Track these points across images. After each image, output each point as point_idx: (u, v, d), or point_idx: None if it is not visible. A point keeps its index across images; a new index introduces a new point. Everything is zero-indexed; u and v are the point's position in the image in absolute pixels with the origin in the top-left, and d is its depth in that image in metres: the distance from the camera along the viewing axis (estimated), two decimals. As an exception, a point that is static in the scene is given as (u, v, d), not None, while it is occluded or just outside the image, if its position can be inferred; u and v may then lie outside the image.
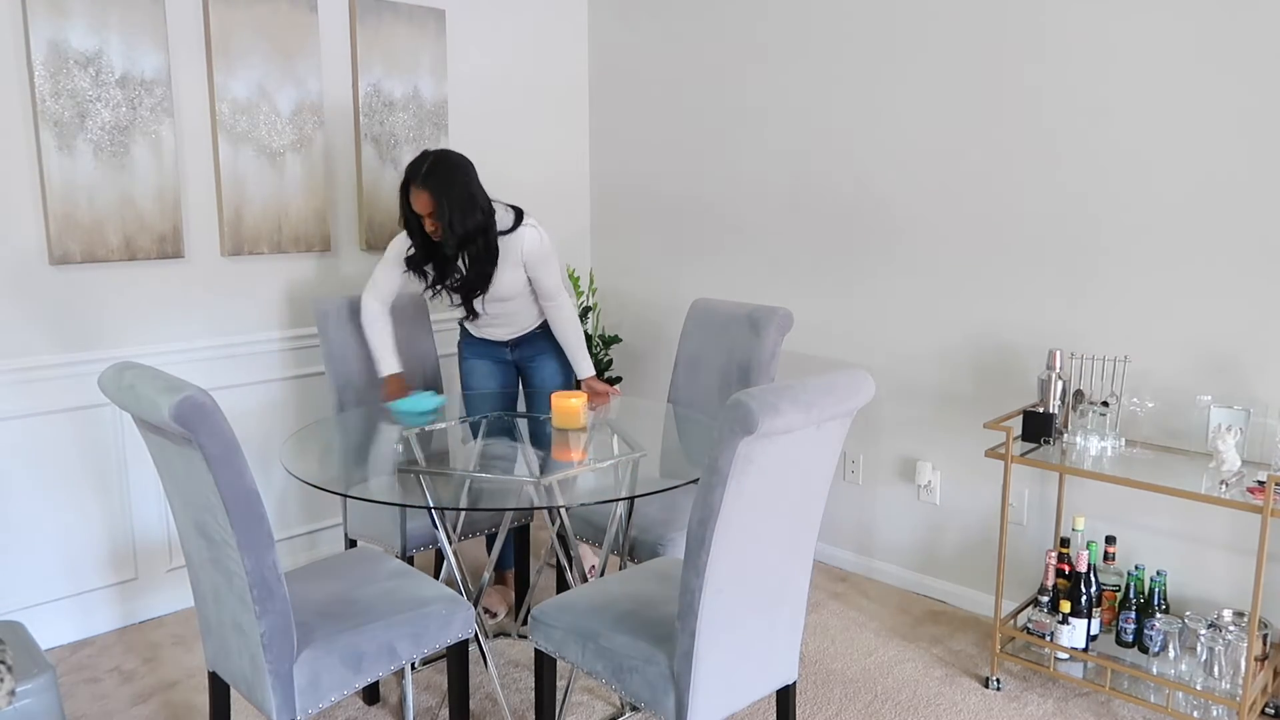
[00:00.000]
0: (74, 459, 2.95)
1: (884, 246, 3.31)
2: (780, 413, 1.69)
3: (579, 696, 2.68)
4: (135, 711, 2.63)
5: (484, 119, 3.89)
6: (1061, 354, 2.70)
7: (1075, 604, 2.59)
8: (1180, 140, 2.65)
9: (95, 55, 2.82)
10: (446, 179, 2.70)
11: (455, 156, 2.77)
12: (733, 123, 3.71)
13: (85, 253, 2.87)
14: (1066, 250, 2.89)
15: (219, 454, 1.73)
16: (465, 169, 2.75)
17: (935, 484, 3.29)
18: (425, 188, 2.69)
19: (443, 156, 2.75)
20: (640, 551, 2.62)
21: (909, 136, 3.20)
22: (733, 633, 1.89)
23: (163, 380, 1.77)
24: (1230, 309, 2.62)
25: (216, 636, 2.03)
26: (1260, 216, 2.54)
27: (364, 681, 2.01)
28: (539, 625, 2.10)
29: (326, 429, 2.80)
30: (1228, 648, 2.44)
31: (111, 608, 3.08)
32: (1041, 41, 2.87)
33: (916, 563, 3.39)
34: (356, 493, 2.31)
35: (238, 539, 1.79)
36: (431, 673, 2.81)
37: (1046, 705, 2.65)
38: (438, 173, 2.70)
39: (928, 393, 3.27)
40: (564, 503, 2.28)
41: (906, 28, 3.17)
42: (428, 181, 2.69)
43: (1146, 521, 2.81)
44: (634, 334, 4.25)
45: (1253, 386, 2.59)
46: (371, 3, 3.42)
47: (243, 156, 3.16)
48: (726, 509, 1.75)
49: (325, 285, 3.46)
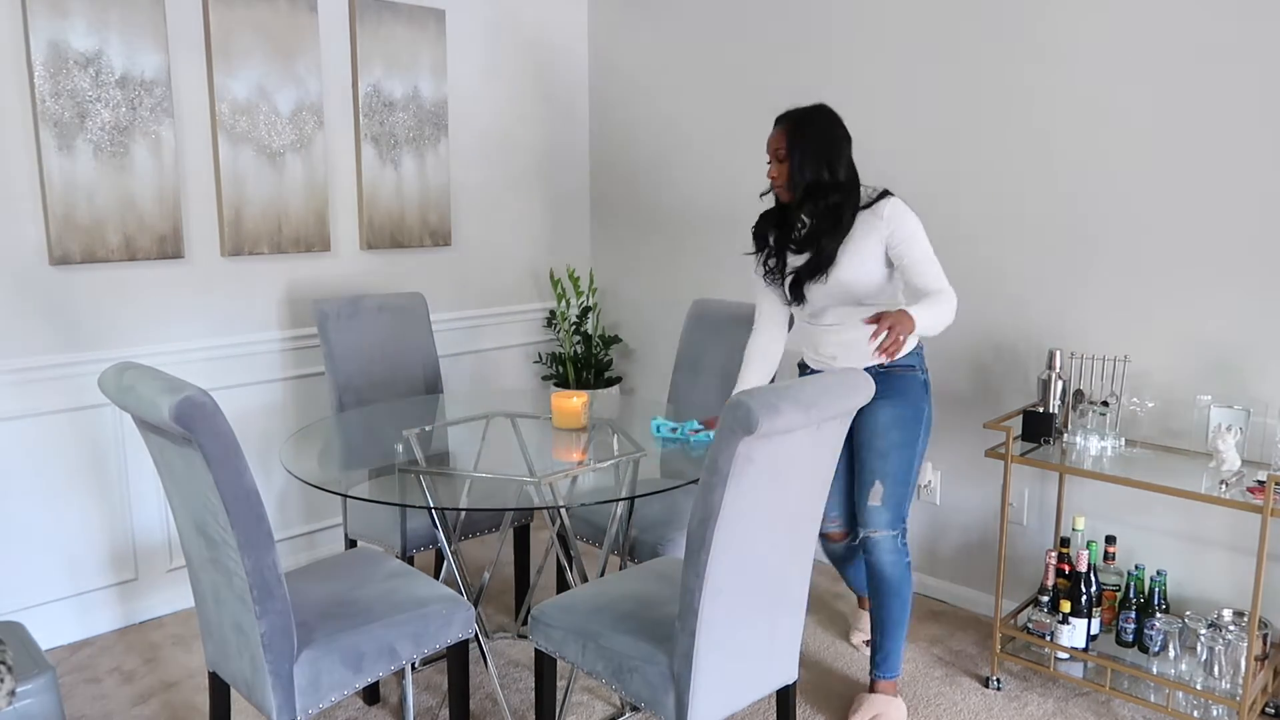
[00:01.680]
0: (74, 459, 2.95)
1: (884, 246, 3.30)
2: (780, 413, 1.69)
3: (579, 696, 2.68)
4: (135, 712, 2.62)
5: (484, 119, 3.89)
6: (1061, 354, 2.70)
7: (1075, 604, 2.59)
8: (1180, 140, 2.65)
9: (95, 55, 2.82)
10: (810, 121, 2.43)
11: (833, 115, 2.47)
12: (732, 122, 3.71)
13: (85, 253, 2.87)
14: (1067, 250, 2.89)
15: (219, 454, 1.73)
16: (836, 127, 2.45)
17: (935, 484, 3.29)
18: (784, 125, 2.44)
19: (820, 108, 2.47)
20: (640, 551, 2.62)
21: (909, 136, 3.20)
22: (733, 633, 1.89)
23: (163, 380, 1.77)
24: (1230, 309, 2.62)
25: (216, 637, 2.03)
26: (1260, 216, 2.54)
27: (364, 682, 2.01)
28: (539, 625, 2.10)
29: (326, 429, 2.80)
30: (1228, 647, 2.44)
31: (111, 608, 3.08)
32: (1042, 42, 2.87)
33: (916, 563, 3.38)
34: (356, 493, 2.32)
35: (238, 539, 1.79)
36: (431, 673, 2.81)
37: (1047, 705, 2.65)
38: (806, 115, 2.44)
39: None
40: (564, 503, 2.28)
41: (906, 27, 3.16)
42: (788, 118, 2.44)
43: (1146, 521, 2.81)
44: (634, 334, 4.25)
45: (1253, 386, 2.59)
46: (371, 3, 3.42)
47: (242, 157, 3.16)
48: (726, 509, 1.75)
49: (325, 285, 3.46)
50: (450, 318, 3.84)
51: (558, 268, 4.16)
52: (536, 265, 4.16)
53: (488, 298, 4.01)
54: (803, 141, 2.40)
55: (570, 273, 4.11)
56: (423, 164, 3.65)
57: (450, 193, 3.78)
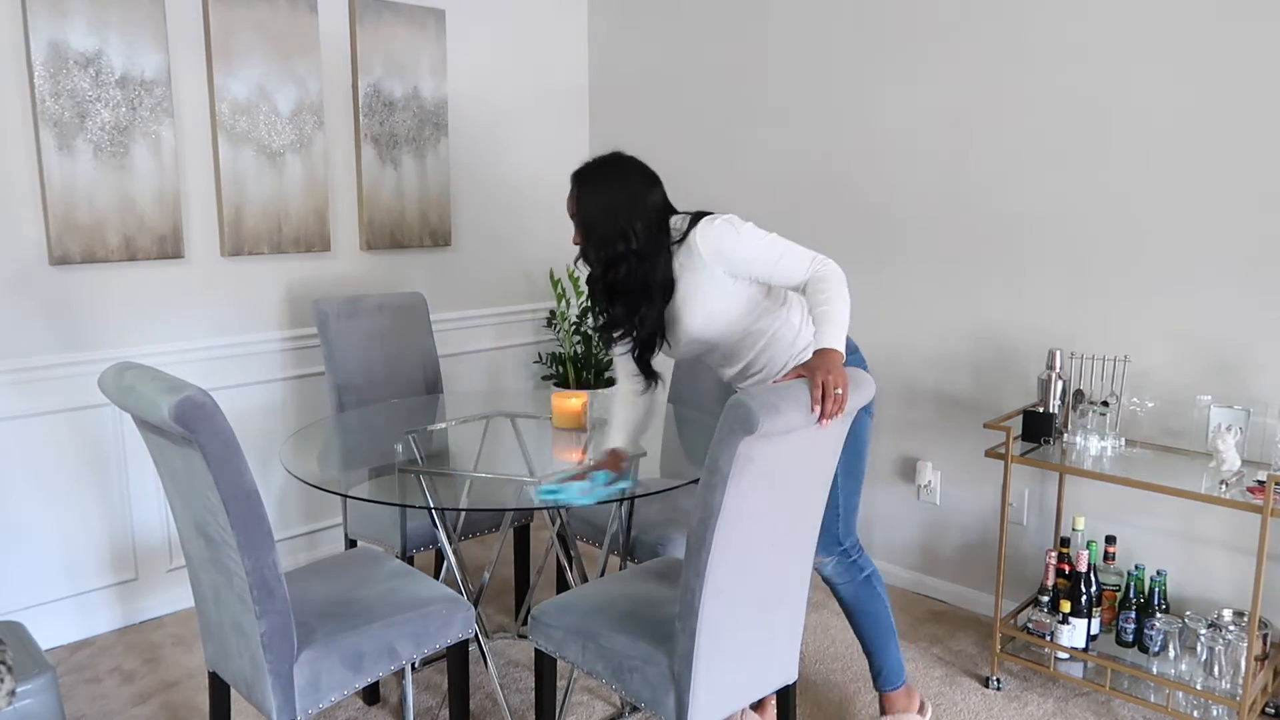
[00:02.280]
0: (74, 459, 2.95)
1: (884, 246, 3.30)
2: (780, 413, 1.69)
3: (579, 696, 2.68)
4: (135, 712, 2.62)
5: (484, 119, 3.89)
6: (1061, 354, 2.70)
7: (1075, 604, 2.59)
8: (1180, 140, 2.65)
9: (95, 55, 2.82)
10: (591, 179, 2.18)
11: (623, 165, 2.21)
12: (732, 123, 3.71)
13: (85, 253, 2.87)
14: (1067, 250, 2.89)
15: (219, 454, 1.73)
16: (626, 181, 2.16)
17: (935, 484, 3.29)
18: (572, 185, 2.19)
19: (606, 160, 2.22)
20: (640, 551, 2.62)
21: (910, 136, 3.20)
22: (733, 633, 1.89)
23: (163, 380, 1.77)
24: (1230, 309, 2.62)
25: (216, 637, 2.03)
26: (1260, 216, 2.54)
27: (364, 682, 2.01)
28: (539, 625, 2.10)
29: (326, 429, 2.80)
30: (1228, 647, 2.44)
31: (111, 608, 3.08)
32: (1042, 42, 2.87)
33: (916, 563, 3.39)
34: (356, 493, 2.32)
35: (238, 539, 1.79)
36: (431, 673, 2.81)
37: (1047, 705, 2.65)
38: (588, 173, 2.20)
39: (928, 393, 3.27)
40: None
41: (907, 28, 3.16)
42: (574, 177, 2.20)
43: (1146, 521, 2.80)
44: (634, 334, 4.24)
45: (1253, 386, 2.59)
46: (371, 3, 3.42)
47: (242, 156, 3.16)
48: (727, 509, 1.74)
49: (325, 285, 3.46)
50: (450, 318, 3.84)
51: (558, 268, 4.16)
52: (536, 265, 4.16)
53: (488, 298, 4.01)
54: (585, 204, 2.15)
55: (570, 273, 4.11)
56: (423, 164, 3.65)
57: (450, 193, 3.77)
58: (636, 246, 2.11)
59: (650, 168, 2.23)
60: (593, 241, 2.15)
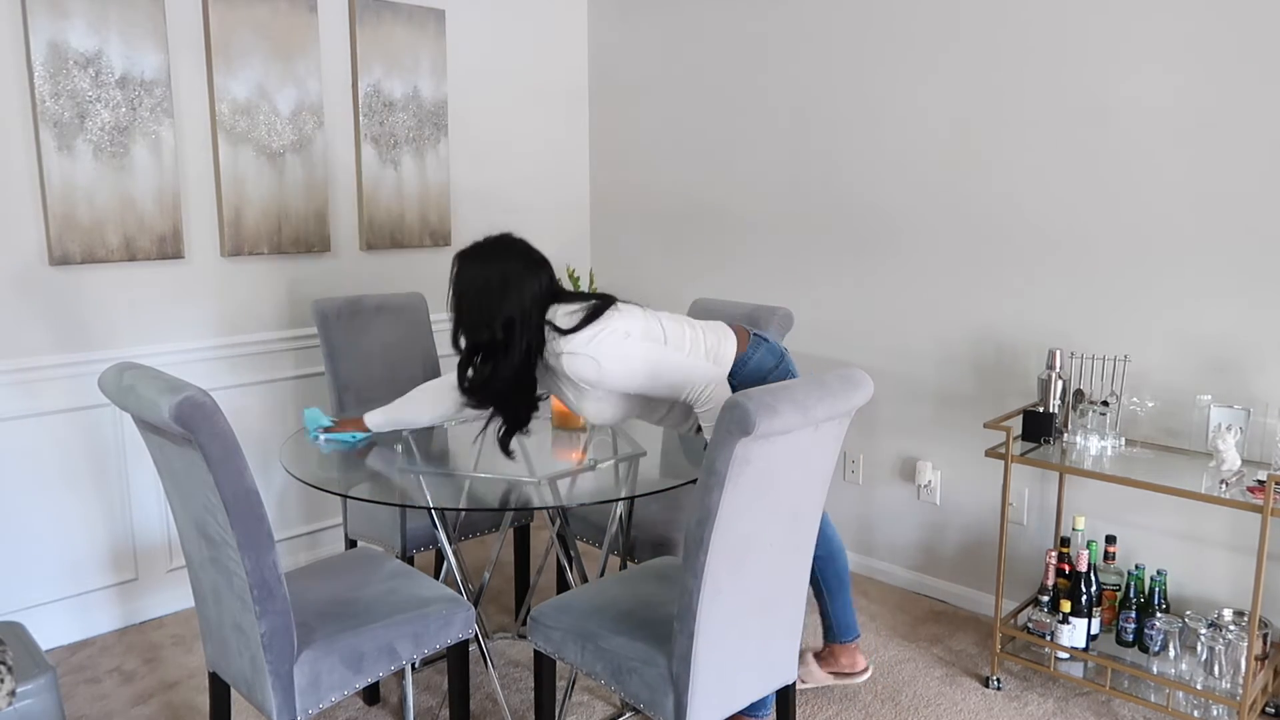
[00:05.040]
0: (74, 459, 2.96)
1: (884, 246, 3.30)
2: (778, 414, 1.69)
3: (580, 696, 2.68)
4: (135, 712, 2.63)
5: (484, 119, 3.89)
6: (1061, 354, 2.70)
7: (1075, 603, 2.59)
8: (1180, 140, 2.65)
9: (95, 56, 2.82)
10: (464, 266, 2.19)
11: (496, 253, 2.19)
12: (733, 122, 3.71)
13: (85, 253, 2.87)
14: (1067, 250, 2.89)
15: (219, 454, 1.74)
16: (497, 270, 2.14)
17: (935, 484, 3.29)
18: (454, 263, 2.21)
19: (481, 246, 2.21)
20: (640, 551, 2.62)
21: (909, 136, 3.20)
22: (732, 634, 1.89)
23: (163, 380, 1.78)
24: (1230, 309, 2.61)
25: (216, 637, 2.03)
26: (1260, 216, 2.54)
27: (364, 682, 2.01)
28: (538, 626, 2.10)
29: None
30: (1228, 647, 2.44)
31: (111, 608, 3.08)
32: (1043, 43, 2.87)
33: (916, 563, 3.39)
34: (356, 493, 2.32)
35: (238, 539, 1.79)
36: (432, 673, 2.81)
37: (1047, 705, 2.65)
38: (463, 258, 2.20)
39: (928, 393, 3.27)
40: (564, 503, 2.28)
41: (908, 29, 3.16)
42: (458, 257, 2.21)
43: (1146, 521, 2.80)
44: (634, 334, 4.24)
45: (1253, 386, 2.59)
46: (371, 3, 3.42)
47: (242, 157, 3.16)
48: (725, 510, 1.74)
49: (325, 285, 3.46)
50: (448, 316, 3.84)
51: (558, 268, 4.15)
52: (536, 265, 4.15)
53: (488, 298, 4.00)
54: (459, 286, 2.16)
55: (570, 273, 4.10)
56: (423, 164, 3.65)
57: (450, 193, 3.78)
58: (501, 338, 2.13)
59: (538, 252, 2.22)
60: (461, 325, 2.18)
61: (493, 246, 2.20)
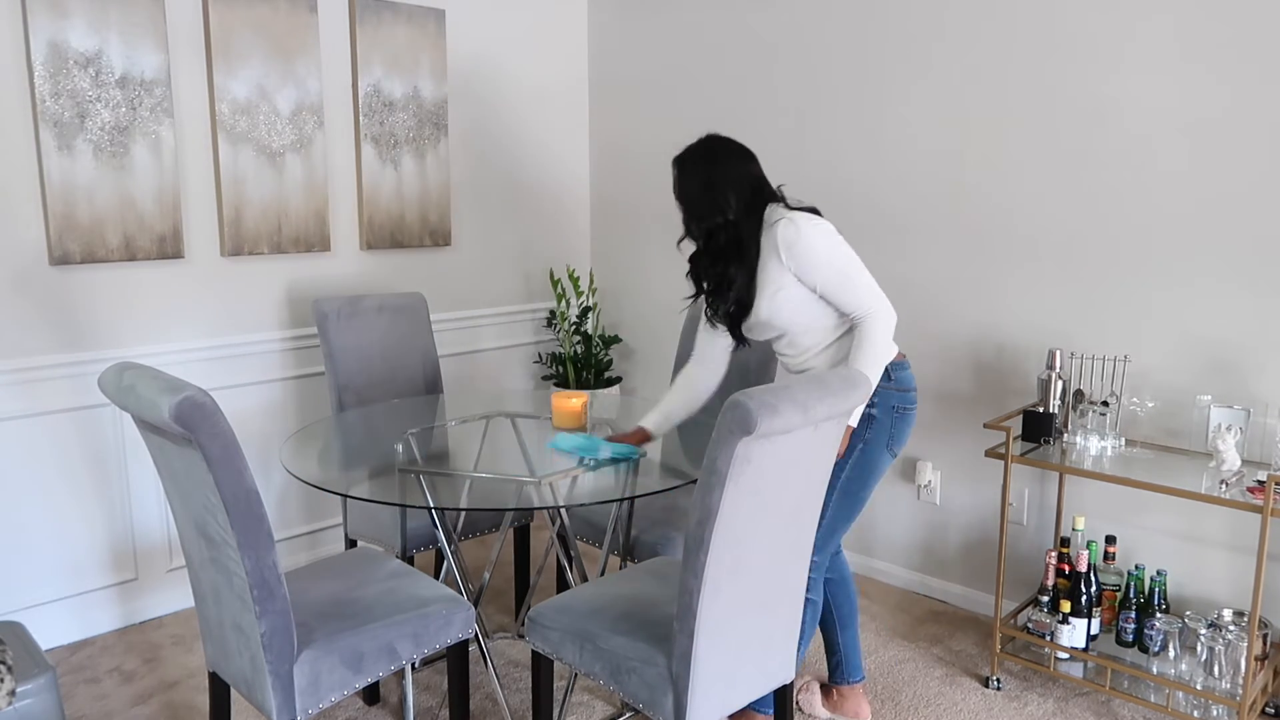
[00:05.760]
0: (74, 459, 2.96)
1: (884, 245, 3.30)
2: (778, 413, 1.69)
3: (579, 696, 2.68)
4: (135, 712, 2.63)
5: (484, 119, 3.89)
6: (1061, 354, 2.70)
7: (1075, 604, 2.59)
8: (1181, 140, 2.65)
9: (95, 55, 2.82)
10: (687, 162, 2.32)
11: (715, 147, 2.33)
12: (732, 123, 3.71)
13: (85, 253, 2.87)
14: (1067, 250, 2.89)
15: (219, 454, 1.73)
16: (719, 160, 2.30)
17: (935, 484, 3.29)
18: (673, 169, 2.34)
19: (701, 144, 2.33)
20: (640, 551, 2.62)
21: (909, 136, 3.20)
22: (731, 633, 1.89)
23: (163, 380, 1.78)
24: (1230, 309, 2.61)
25: (216, 637, 2.03)
26: (1261, 216, 2.54)
27: (364, 682, 2.01)
28: (536, 627, 2.10)
29: (326, 429, 2.80)
30: (1228, 647, 2.44)
31: (111, 608, 3.08)
32: (1044, 43, 2.87)
33: (916, 563, 3.39)
34: (356, 493, 2.32)
35: (238, 539, 1.79)
36: (431, 673, 2.82)
37: (1047, 705, 2.65)
38: (684, 157, 2.32)
39: (928, 393, 3.26)
40: (564, 503, 2.28)
41: (908, 28, 3.16)
42: (674, 163, 2.34)
43: (1146, 521, 2.80)
44: (634, 334, 4.25)
45: (1253, 386, 2.59)
46: (371, 3, 3.42)
47: (242, 157, 3.17)
48: (725, 510, 1.74)
49: (325, 285, 3.46)
50: (450, 318, 3.84)
51: (558, 268, 4.16)
52: (536, 265, 4.16)
53: (488, 298, 4.01)
54: (684, 185, 2.31)
55: (570, 273, 4.11)
56: (423, 164, 3.65)
57: (450, 193, 3.78)
58: (732, 216, 2.26)
59: (742, 144, 2.35)
60: (693, 218, 2.30)
61: (706, 145, 2.33)
